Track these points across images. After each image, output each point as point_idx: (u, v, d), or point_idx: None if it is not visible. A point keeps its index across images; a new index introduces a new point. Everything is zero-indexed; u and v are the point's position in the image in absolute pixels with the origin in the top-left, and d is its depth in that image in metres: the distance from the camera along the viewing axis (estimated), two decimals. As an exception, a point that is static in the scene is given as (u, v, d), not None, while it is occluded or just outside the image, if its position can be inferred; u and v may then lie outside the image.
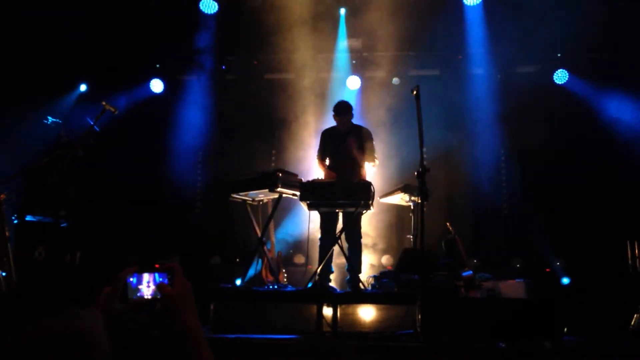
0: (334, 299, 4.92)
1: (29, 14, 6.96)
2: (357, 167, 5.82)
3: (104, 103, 5.55)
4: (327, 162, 6.00)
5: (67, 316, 1.17)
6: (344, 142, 5.88)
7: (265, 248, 5.87)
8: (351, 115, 5.92)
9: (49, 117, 6.70)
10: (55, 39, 7.25)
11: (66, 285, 4.50)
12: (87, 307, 1.17)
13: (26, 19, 6.96)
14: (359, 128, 6.03)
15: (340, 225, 5.79)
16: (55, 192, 5.67)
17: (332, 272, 5.82)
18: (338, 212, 5.75)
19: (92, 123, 5.49)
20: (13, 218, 5.52)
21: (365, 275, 6.03)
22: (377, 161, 5.95)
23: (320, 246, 5.74)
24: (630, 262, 6.04)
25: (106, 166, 7.29)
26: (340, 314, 4.82)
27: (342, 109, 5.87)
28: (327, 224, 5.74)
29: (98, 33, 7.61)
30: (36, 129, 6.74)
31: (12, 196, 5.31)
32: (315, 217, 5.88)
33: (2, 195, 4.61)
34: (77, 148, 5.56)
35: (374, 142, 5.99)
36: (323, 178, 5.81)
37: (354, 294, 5.33)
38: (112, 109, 5.62)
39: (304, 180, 5.61)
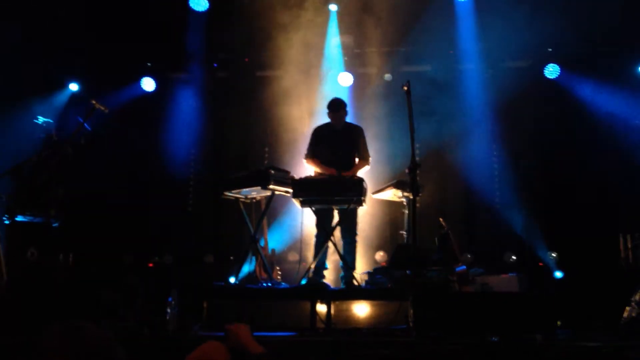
0: (328, 295, 4.93)
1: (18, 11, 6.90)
2: (353, 164, 5.89)
3: (94, 102, 5.51)
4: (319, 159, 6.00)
5: (93, 325, 1.44)
6: (340, 139, 5.90)
7: (258, 245, 5.86)
8: (345, 112, 6.01)
9: (40, 117, 6.64)
10: (45, 37, 7.19)
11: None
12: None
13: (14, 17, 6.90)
14: (353, 126, 6.13)
15: (335, 221, 5.80)
16: (45, 191, 5.63)
17: (326, 268, 5.84)
18: (333, 209, 5.77)
19: (82, 122, 5.46)
20: (4, 218, 5.48)
21: (359, 271, 6.03)
22: (370, 159, 6.02)
23: (316, 243, 5.77)
24: (622, 255, 6.07)
25: (97, 165, 7.24)
26: (334, 311, 4.83)
27: (336, 106, 5.97)
28: (322, 221, 5.75)
29: (88, 31, 7.54)
30: (26, 128, 6.69)
31: (1, 196, 5.27)
32: (308, 213, 5.88)
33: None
34: (67, 147, 5.53)
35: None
36: (318, 174, 5.82)
37: (348, 290, 5.34)
38: (103, 108, 5.58)
39: (296, 177, 5.62)
